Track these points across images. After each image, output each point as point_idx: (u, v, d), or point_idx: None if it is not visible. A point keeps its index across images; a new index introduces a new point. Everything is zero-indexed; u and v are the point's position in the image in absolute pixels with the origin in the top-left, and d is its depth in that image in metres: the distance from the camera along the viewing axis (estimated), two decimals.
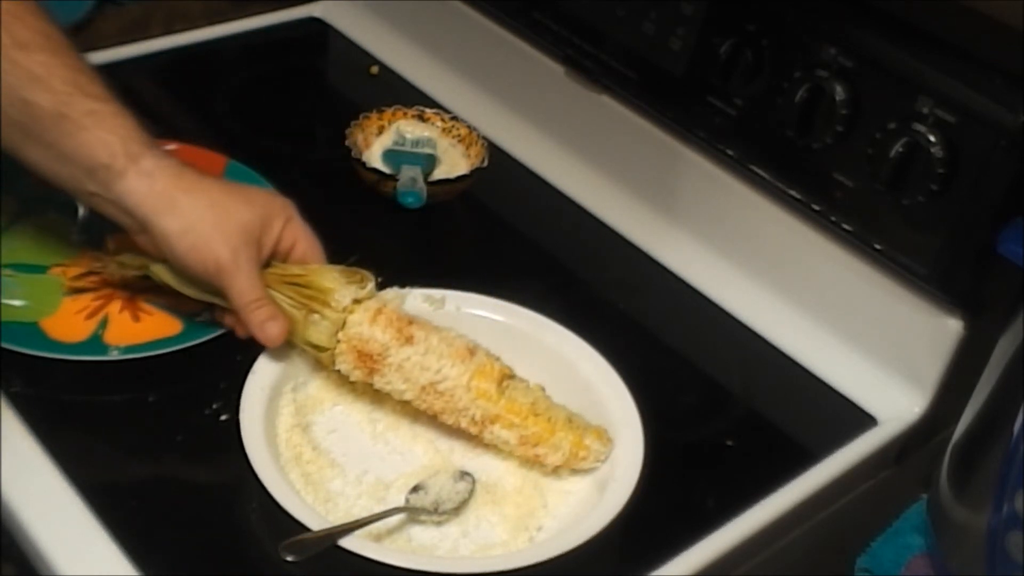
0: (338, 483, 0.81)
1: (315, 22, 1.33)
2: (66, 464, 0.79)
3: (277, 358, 0.85)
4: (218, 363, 0.86)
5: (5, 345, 0.84)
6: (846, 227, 0.94)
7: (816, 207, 0.96)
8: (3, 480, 0.77)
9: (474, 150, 1.12)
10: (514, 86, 1.19)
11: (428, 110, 1.15)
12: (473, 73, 1.23)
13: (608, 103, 1.11)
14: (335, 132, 1.10)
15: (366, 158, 1.09)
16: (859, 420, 0.94)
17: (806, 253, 0.99)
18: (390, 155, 1.09)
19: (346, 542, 0.74)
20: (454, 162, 1.11)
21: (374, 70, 1.27)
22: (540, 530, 0.80)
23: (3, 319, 0.86)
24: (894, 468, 0.96)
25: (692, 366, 0.99)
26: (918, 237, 0.90)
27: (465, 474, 0.83)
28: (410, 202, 1.04)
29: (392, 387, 0.83)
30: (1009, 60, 0.84)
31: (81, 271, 0.92)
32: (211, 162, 1.05)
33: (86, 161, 0.80)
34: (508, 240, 1.10)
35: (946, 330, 0.92)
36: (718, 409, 0.95)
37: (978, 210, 0.86)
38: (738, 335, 1.01)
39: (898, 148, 0.88)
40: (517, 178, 1.15)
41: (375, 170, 1.07)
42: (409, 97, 1.19)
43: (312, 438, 0.84)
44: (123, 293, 0.91)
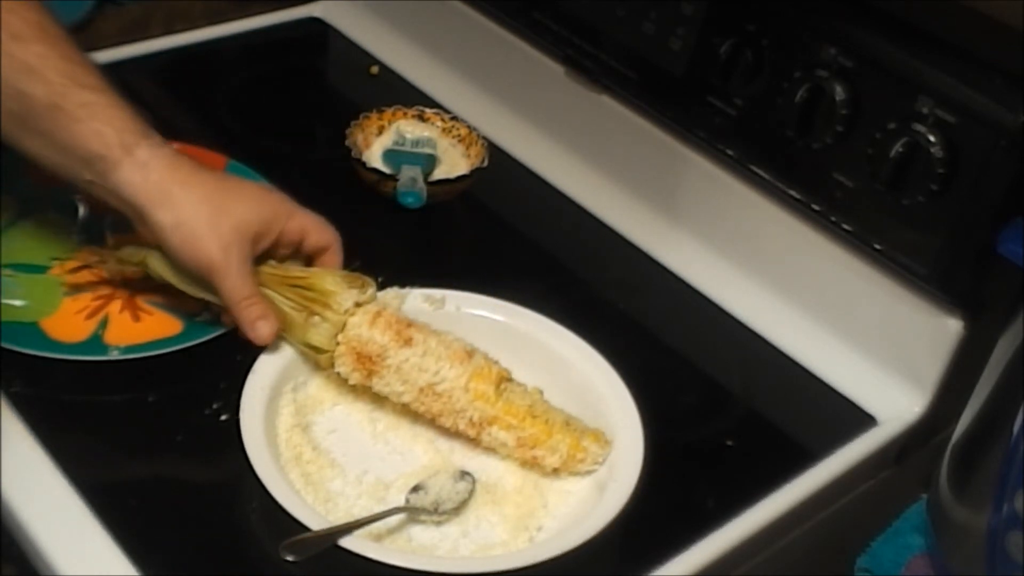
0: (338, 483, 0.81)
1: (315, 22, 1.33)
2: (66, 464, 0.79)
3: (277, 358, 0.85)
4: (218, 363, 0.86)
5: (5, 345, 0.84)
6: (846, 227, 0.94)
7: (816, 207, 0.96)
8: (3, 480, 0.77)
9: (474, 150, 1.12)
10: (514, 86, 1.20)
11: (428, 110, 1.15)
12: (473, 73, 1.23)
13: (608, 103, 1.11)
14: (335, 132, 1.10)
15: (366, 158, 1.09)
16: (859, 420, 0.94)
17: (806, 253, 0.99)
18: (390, 155, 1.09)
19: (346, 542, 0.74)
20: (454, 162, 1.11)
21: (374, 70, 1.27)
22: (540, 530, 0.80)
23: (3, 319, 0.86)
24: (894, 468, 0.96)
25: (692, 366, 0.99)
26: (918, 237, 0.90)
27: (465, 474, 0.83)
28: (410, 202, 1.04)
29: (390, 389, 0.83)
30: (1009, 60, 0.84)
31: (78, 265, 0.91)
32: (211, 162, 1.05)
33: (81, 152, 0.80)
34: (508, 240, 1.10)
35: (946, 330, 0.92)
36: (718, 409, 0.95)
37: (978, 210, 0.86)
38: (738, 335, 1.01)
39: (898, 148, 0.88)
40: (517, 178, 1.15)
41: (375, 170, 1.07)
42: (409, 97, 1.19)
43: (312, 438, 0.84)
44: (123, 293, 0.91)
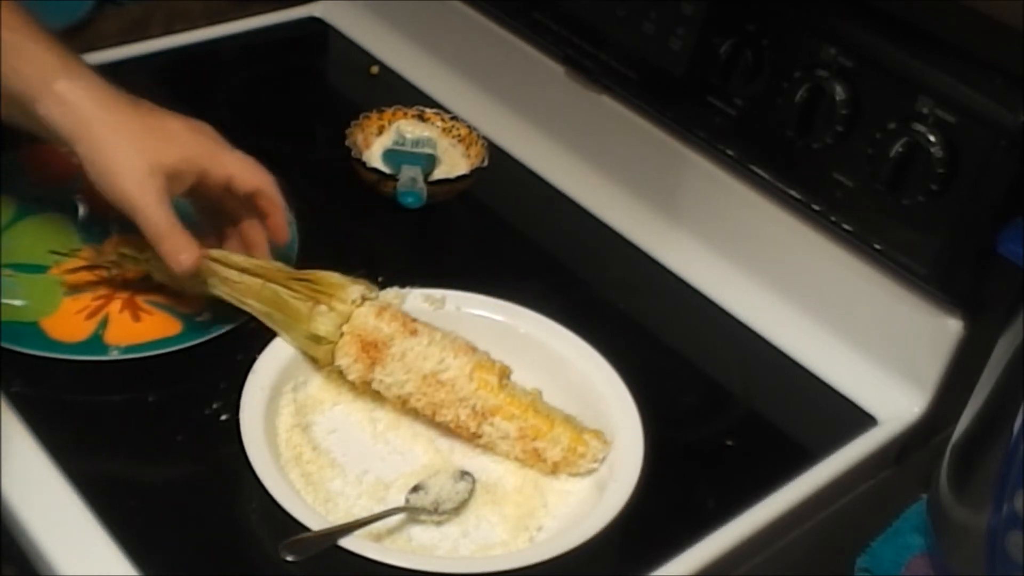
0: (338, 483, 0.81)
1: (315, 22, 1.33)
2: (66, 464, 0.79)
3: (277, 358, 0.85)
4: (218, 363, 0.86)
5: (5, 345, 0.84)
6: (846, 227, 0.94)
7: (816, 207, 0.96)
8: (3, 480, 0.77)
9: (474, 150, 1.12)
10: (514, 86, 1.20)
11: (428, 110, 1.15)
12: (473, 73, 1.23)
13: (608, 103, 1.11)
14: (335, 132, 1.10)
15: (366, 158, 1.09)
16: (859, 420, 0.94)
17: (806, 253, 0.99)
18: (390, 155, 1.09)
19: (346, 542, 0.74)
20: (454, 162, 1.11)
21: (374, 70, 1.27)
22: (540, 530, 0.80)
23: (3, 319, 0.86)
24: (894, 468, 0.96)
25: (692, 366, 0.99)
26: (918, 237, 0.90)
27: (465, 474, 0.83)
28: (410, 202, 1.04)
29: (393, 378, 0.83)
30: (1009, 60, 0.84)
31: (78, 264, 0.92)
32: None
33: (4, 91, 0.81)
34: (508, 240, 1.10)
35: (946, 330, 0.92)
36: (718, 409, 0.95)
37: (978, 210, 0.86)
38: (738, 335, 1.01)
39: (898, 148, 0.88)
40: (517, 178, 1.15)
41: (375, 170, 1.07)
42: (409, 97, 1.19)
43: (312, 438, 0.84)
44: (123, 293, 0.91)
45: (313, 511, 0.76)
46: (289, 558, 0.72)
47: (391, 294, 0.90)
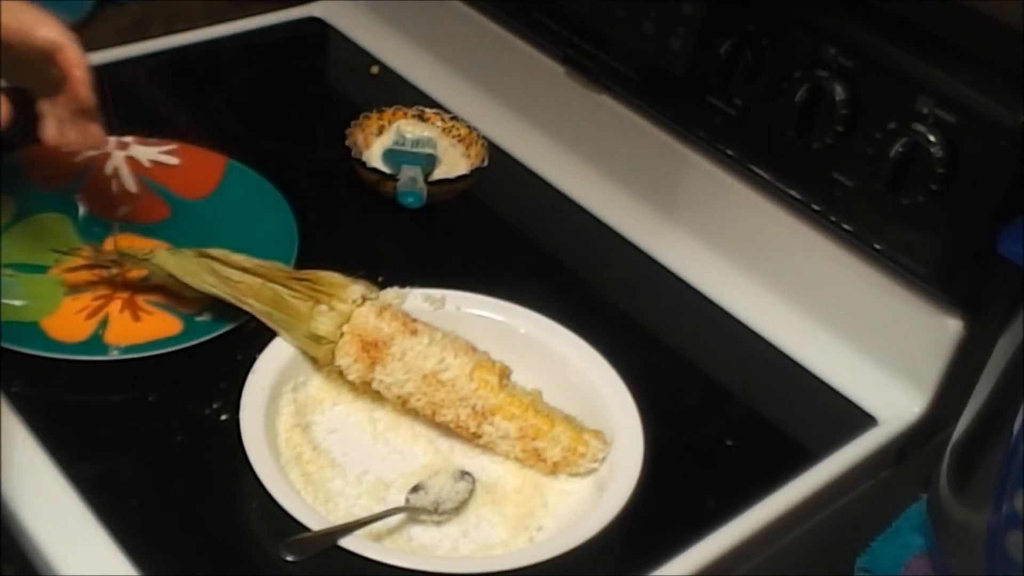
0: (338, 483, 0.81)
1: (315, 22, 1.33)
2: (66, 464, 0.79)
3: (277, 358, 0.85)
4: (218, 363, 0.86)
5: (5, 345, 0.84)
6: (846, 227, 0.94)
7: (816, 207, 0.96)
8: (3, 480, 0.77)
9: (474, 150, 1.12)
10: (514, 86, 1.20)
11: (428, 110, 1.15)
12: (473, 73, 1.23)
13: (608, 103, 1.11)
14: (335, 132, 1.10)
15: (366, 158, 1.09)
16: (859, 420, 0.94)
17: (806, 253, 0.99)
18: (390, 155, 1.09)
19: (346, 542, 0.74)
20: (454, 162, 1.11)
21: (374, 70, 1.27)
22: (540, 530, 0.80)
23: (3, 319, 0.86)
24: (894, 468, 0.96)
25: (692, 366, 0.99)
26: (918, 237, 0.90)
27: (465, 474, 0.83)
28: (410, 202, 1.04)
29: (393, 378, 0.83)
30: (1009, 60, 0.84)
31: (78, 263, 0.91)
32: (211, 162, 1.05)
33: None
34: (508, 240, 1.10)
35: (946, 330, 0.92)
36: (718, 409, 0.95)
37: (978, 210, 0.86)
38: (738, 335, 1.01)
39: (898, 148, 0.88)
40: (517, 178, 1.15)
41: (375, 170, 1.07)
42: (409, 97, 1.19)
43: (312, 438, 0.84)
44: (123, 293, 0.91)
45: (313, 511, 0.76)
46: (289, 558, 0.72)
47: (391, 294, 0.90)
